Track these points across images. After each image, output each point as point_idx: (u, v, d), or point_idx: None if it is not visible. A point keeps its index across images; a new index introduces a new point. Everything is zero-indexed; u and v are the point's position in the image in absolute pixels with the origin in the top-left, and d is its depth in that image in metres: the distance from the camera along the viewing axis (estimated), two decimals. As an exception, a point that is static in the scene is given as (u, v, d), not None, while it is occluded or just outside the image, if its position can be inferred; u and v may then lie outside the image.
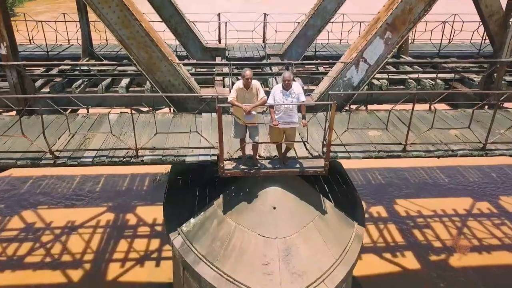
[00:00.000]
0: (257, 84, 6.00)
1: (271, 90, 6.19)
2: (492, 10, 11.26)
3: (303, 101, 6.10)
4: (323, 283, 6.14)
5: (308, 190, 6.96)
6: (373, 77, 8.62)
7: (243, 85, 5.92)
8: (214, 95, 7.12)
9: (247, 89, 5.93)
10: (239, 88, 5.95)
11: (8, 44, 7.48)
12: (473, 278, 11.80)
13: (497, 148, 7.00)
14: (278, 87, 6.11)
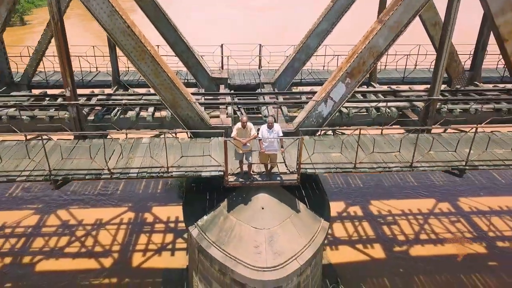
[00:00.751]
0: (250, 125, 8.85)
1: (260, 129, 9.03)
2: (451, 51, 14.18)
3: (281, 136, 8.95)
4: (295, 260, 8.98)
5: (287, 195, 9.81)
6: (340, 108, 11.47)
7: (241, 126, 8.77)
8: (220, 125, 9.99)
9: (244, 128, 8.78)
10: (238, 127, 8.81)
11: (71, 88, 10.32)
12: (427, 265, 14.67)
13: (422, 166, 9.85)
14: (264, 126, 8.96)
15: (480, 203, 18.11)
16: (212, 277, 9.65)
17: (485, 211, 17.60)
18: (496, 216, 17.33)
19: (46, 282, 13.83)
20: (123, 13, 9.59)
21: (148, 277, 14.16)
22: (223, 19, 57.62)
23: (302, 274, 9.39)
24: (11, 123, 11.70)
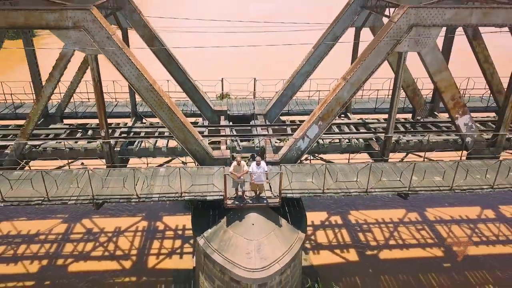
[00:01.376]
0: (243, 163, 11.88)
1: (251, 165, 12.03)
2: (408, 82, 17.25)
3: (266, 171, 11.98)
4: (277, 263, 11.98)
5: (272, 214, 12.82)
6: (317, 140, 14.47)
7: (236, 163, 11.81)
8: (221, 156, 13.05)
9: (238, 165, 11.81)
10: (234, 165, 11.84)
11: (106, 129, 13.36)
12: (393, 266, 17.69)
13: (375, 191, 12.87)
14: (254, 163, 11.96)
15: (443, 213, 21.12)
16: (215, 276, 12.66)
17: (447, 220, 20.63)
18: (456, 224, 20.35)
19: (78, 280, 16.84)
20: (147, 75, 12.62)
21: (161, 276, 17.18)
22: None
23: (283, 274, 12.40)
24: (55, 153, 14.76)
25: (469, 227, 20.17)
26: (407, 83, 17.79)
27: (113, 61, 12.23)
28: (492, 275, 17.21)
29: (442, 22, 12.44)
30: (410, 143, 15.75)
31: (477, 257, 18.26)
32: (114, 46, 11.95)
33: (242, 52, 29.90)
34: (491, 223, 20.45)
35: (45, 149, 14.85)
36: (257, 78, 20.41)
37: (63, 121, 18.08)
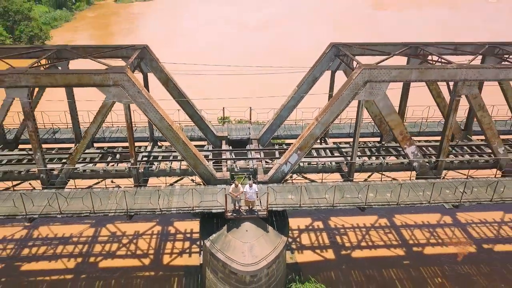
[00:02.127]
0: (240, 186, 15.99)
1: (245, 187, 16.12)
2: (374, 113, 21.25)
3: (257, 191, 16.11)
4: (264, 260, 16.09)
5: (261, 222, 16.92)
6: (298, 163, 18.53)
7: (235, 186, 15.93)
8: (222, 178, 17.20)
9: (236, 187, 15.93)
10: (233, 187, 15.97)
11: (135, 157, 17.46)
12: (362, 263, 21.76)
13: (340, 205, 16.97)
14: (247, 186, 16.05)
15: (408, 218, 25.19)
16: (218, 270, 16.76)
17: (410, 225, 24.72)
18: (418, 228, 24.45)
19: (107, 274, 20.95)
20: (167, 118, 16.73)
21: (174, 271, 21.26)
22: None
23: (270, 268, 16.51)
24: (92, 175, 18.89)
25: (428, 230, 24.26)
26: (374, 114, 21.85)
27: (142, 108, 16.36)
28: (441, 269, 21.31)
29: (389, 79, 16.54)
30: (373, 165, 19.86)
31: (431, 255, 22.36)
32: (143, 98, 16.06)
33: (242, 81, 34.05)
34: (447, 227, 24.55)
35: (85, 171, 18.97)
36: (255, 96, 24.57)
37: (93, 145, 22.16)
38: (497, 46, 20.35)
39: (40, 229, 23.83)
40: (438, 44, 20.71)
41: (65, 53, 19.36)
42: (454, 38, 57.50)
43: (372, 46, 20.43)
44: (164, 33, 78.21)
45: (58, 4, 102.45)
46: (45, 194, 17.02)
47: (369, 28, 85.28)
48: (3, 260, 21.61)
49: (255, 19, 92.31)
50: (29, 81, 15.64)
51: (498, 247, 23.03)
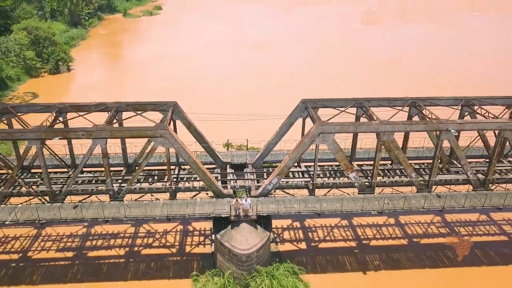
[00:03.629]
0: (238, 199, 25.30)
1: (242, 201, 25.41)
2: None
3: (250, 203, 25.43)
4: (255, 246, 25.47)
5: (253, 223, 26.25)
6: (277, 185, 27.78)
7: (235, 200, 25.26)
8: (228, 194, 26.58)
9: (237, 201, 25.25)
10: (234, 201, 25.31)
11: (171, 180, 26.83)
12: (327, 251, 31.02)
13: (303, 212, 26.28)
14: (243, 200, 25.33)
15: (363, 220, 34.41)
16: (225, 253, 26.07)
17: (363, 225, 33.96)
18: (368, 228, 33.67)
19: (147, 259, 30.18)
20: (193, 156, 26.02)
21: (193, 257, 30.47)
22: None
23: (258, 252, 25.83)
24: (139, 191, 28.20)
25: (376, 229, 33.53)
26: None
27: (177, 150, 25.68)
28: (379, 256, 30.56)
29: (334, 131, 25.82)
30: (329, 184, 29.17)
31: (374, 246, 31.61)
32: (178, 145, 25.37)
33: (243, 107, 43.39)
34: (391, 227, 33.83)
35: (135, 188, 28.29)
36: (250, 135, 33.89)
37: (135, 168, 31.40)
38: (416, 100, 29.64)
39: (96, 228, 33.14)
40: (378, 99, 30.02)
41: (121, 108, 28.65)
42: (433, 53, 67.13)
43: (330, 102, 29.73)
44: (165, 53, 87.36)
45: (73, 22, 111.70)
46: (112, 205, 26.36)
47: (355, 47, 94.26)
48: (74, 249, 30.93)
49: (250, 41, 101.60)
50: (107, 134, 24.96)
51: (424, 241, 32.29)
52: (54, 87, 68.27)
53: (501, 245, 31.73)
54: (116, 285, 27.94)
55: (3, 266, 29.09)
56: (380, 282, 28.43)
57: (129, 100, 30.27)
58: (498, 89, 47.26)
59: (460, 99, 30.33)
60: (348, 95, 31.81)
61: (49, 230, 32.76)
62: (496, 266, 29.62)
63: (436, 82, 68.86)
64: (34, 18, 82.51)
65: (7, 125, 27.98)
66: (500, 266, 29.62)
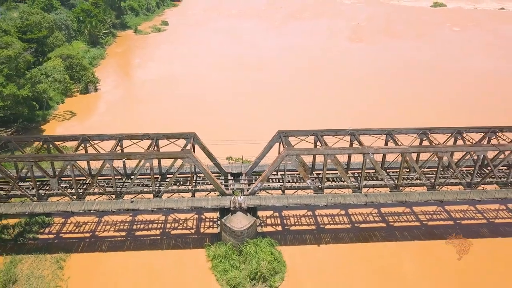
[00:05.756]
0: (235, 197, 40.44)
1: (238, 197, 40.53)
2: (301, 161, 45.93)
3: (242, 199, 40.61)
4: (245, 226, 40.68)
5: (245, 212, 41.41)
6: (261, 186, 42.82)
7: (234, 197, 40.40)
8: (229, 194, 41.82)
9: (234, 198, 40.40)
10: (233, 198, 40.49)
11: (193, 183, 42.05)
12: (297, 233, 46.29)
13: (276, 205, 41.46)
14: (239, 197, 40.42)
15: (325, 211, 49.47)
16: (227, 231, 41.18)
17: (328, 214, 49.02)
18: (330, 217, 48.76)
19: (174, 237, 45.26)
20: (207, 168, 41.16)
21: (205, 235, 45.55)
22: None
23: (248, 229, 41.00)
24: (172, 190, 43.41)
25: (330, 218, 48.61)
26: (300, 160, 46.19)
27: (196, 165, 40.80)
28: (337, 236, 45.65)
29: (295, 153, 40.89)
30: (295, 186, 44.30)
31: (331, 229, 46.71)
32: (197, 163, 40.48)
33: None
34: (340, 216, 48.90)
35: (168, 190, 43.41)
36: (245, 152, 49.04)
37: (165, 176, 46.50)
38: (354, 131, 44.67)
39: (138, 217, 48.26)
40: (328, 130, 45.08)
41: (159, 137, 43.73)
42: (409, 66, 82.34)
43: (296, 133, 44.78)
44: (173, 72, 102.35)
45: (91, 40, 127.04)
46: (155, 200, 41.46)
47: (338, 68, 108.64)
48: (125, 230, 46.02)
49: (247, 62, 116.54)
50: (154, 156, 40.08)
51: (362, 225, 47.33)
52: (86, 106, 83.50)
53: (414, 228, 46.87)
54: (155, 253, 43.02)
55: (81, 241, 44.29)
56: (328, 252, 43.53)
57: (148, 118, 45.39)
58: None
59: (384, 130, 45.43)
60: (326, 119, 46.86)
61: (106, 218, 47.92)
62: (413, 241, 44.56)
63: (404, 108, 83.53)
64: (65, 46, 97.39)
65: (84, 150, 43.05)
66: (416, 241, 44.56)
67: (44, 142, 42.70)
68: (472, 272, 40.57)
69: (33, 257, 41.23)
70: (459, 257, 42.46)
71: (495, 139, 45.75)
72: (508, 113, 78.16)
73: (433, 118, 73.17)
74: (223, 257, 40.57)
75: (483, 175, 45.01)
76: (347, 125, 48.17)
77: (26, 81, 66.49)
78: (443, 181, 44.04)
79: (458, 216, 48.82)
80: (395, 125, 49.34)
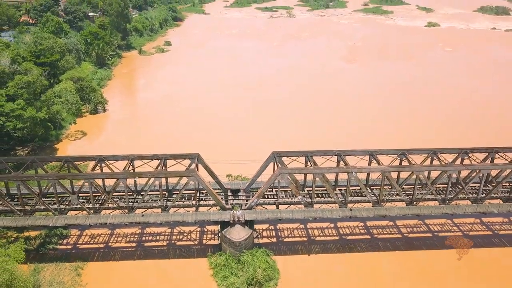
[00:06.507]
0: (234, 211, 45.68)
1: (237, 211, 45.75)
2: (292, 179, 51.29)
3: (240, 213, 45.83)
4: (243, 237, 45.81)
5: (243, 225, 46.59)
6: (258, 202, 48.04)
7: (233, 212, 45.64)
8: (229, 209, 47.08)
9: (233, 212, 45.65)
10: (232, 212, 45.72)
11: (197, 199, 47.38)
12: (289, 244, 51.37)
13: (271, 219, 46.66)
14: (237, 211, 45.64)
15: (316, 225, 54.56)
16: (227, 241, 46.28)
17: (318, 227, 54.14)
18: (320, 230, 53.85)
19: (179, 248, 50.32)
20: (210, 186, 46.48)
21: (208, 246, 50.61)
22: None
23: (245, 241, 46.13)
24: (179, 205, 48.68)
25: (320, 231, 53.64)
26: (292, 178, 51.48)
27: (200, 183, 46.12)
28: (325, 247, 50.66)
29: (287, 172, 46.24)
30: (288, 201, 49.52)
31: (316, 240, 51.75)
32: (201, 181, 45.84)
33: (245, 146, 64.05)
34: (330, 229, 54.00)
35: (175, 204, 48.65)
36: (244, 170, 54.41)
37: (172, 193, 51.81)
38: (340, 152, 50.08)
39: (147, 229, 53.36)
40: (317, 151, 50.51)
41: (167, 157, 49.12)
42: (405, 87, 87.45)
43: (289, 153, 50.21)
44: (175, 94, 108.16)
45: (98, 62, 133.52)
46: (163, 214, 46.65)
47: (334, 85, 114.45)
48: (135, 241, 51.07)
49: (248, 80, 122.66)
50: (163, 174, 45.46)
51: (349, 237, 52.36)
52: (95, 125, 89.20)
53: (395, 240, 51.90)
54: (163, 262, 48.04)
55: (96, 251, 49.37)
56: (317, 260, 48.52)
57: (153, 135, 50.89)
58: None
59: (367, 151, 50.86)
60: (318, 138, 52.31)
61: (118, 230, 53.05)
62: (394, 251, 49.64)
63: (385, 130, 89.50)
64: (76, 68, 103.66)
65: (100, 169, 48.43)
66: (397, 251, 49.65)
67: (65, 162, 48.09)
68: (447, 278, 45.54)
69: (54, 265, 46.25)
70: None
71: (467, 159, 51.10)
72: (484, 134, 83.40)
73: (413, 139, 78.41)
74: (223, 265, 45.59)
75: (456, 192, 50.21)
76: (336, 144, 53.65)
77: (42, 103, 72.28)
78: (420, 197, 49.24)
79: (436, 229, 53.90)
80: (379, 146, 54.80)
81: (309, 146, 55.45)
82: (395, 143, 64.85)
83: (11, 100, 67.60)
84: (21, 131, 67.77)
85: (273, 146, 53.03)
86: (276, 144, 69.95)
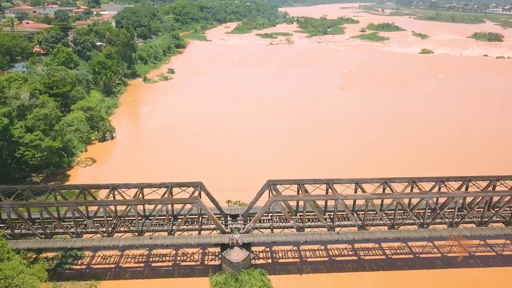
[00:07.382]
0: (233, 235, 51.03)
1: (235, 235, 51.13)
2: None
3: (239, 237, 51.17)
4: (241, 258, 51.04)
5: (241, 247, 51.90)
6: (254, 226, 53.43)
7: (232, 235, 51.01)
8: (228, 232, 52.46)
9: (232, 236, 51.02)
10: (231, 235, 51.07)
11: (200, 223, 52.85)
12: (284, 265, 56.52)
13: (266, 241, 51.99)
14: (236, 235, 51.02)
15: (308, 247, 59.72)
16: (226, 262, 51.44)
17: (309, 249, 59.29)
18: (311, 251, 59.00)
19: (182, 268, 55.39)
20: (211, 211, 52.03)
21: (209, 266, 55.70)
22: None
23: (243, 261, 51.35)
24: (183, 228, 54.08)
25: (311, 252, 58.77)
26: (286, 204, 56.97)
27: (202, 209, 51.67)
28: (311, 267, 55.73)
29: (281, 199, 51.82)
30: (282, 226, 54.91)
31: (308, 261, 56.80)
32: (203, 208, 51.40)
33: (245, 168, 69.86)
34: (320, 251, 59.16)
35: (179, 228, 54.07)
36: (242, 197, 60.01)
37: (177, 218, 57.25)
38: (328, 181, 55.76)
39: (153, 251, 58.53)
40: (308, 180, 56.18)
41: (173, 185, 54.82)
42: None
43: (283, 182, 55.89)
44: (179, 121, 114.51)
45: (106, 90, 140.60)
46: (169, 237, 52.06)
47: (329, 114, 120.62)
48: (143, 262, 56.19)
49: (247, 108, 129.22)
50: (169, 201, 51.07)
51: (338, 258, 57.45)
52: (104, 152, 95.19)
53: (380, 260, 57.00)
54: (169, 280, 53.13)
55: (108, 270, 54.51)
56: (308, 280, 53.54)
57: (157, 161, 56.70)
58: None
59: (353, 180, 56.56)
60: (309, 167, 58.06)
61: (127, 252, 58.27)
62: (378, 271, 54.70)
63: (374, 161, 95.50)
64: (86, 98, 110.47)
65: (113, 196, 54.05)
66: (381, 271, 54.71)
67: (82, 190, 53.81)
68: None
69: (70, 283, 51.36)
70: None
71: (444, 187, 56.73)
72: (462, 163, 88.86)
73: (395, 167, 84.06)
74: (223, 283, 50.67)
75: (434, 217, 55.62)
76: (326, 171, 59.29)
77: (56, 133, 78.45)
78: (401, 221, 54.66)
79: (417, 250, 59.05)
80: (368, 174, 60.47)
81: (302, 172, 61.13)
82: (380, 171, 70.45)
83: (29, 131, 73.77)
84: (37, 159, 73.64)
85: (268, 171, 58.73)
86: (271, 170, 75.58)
